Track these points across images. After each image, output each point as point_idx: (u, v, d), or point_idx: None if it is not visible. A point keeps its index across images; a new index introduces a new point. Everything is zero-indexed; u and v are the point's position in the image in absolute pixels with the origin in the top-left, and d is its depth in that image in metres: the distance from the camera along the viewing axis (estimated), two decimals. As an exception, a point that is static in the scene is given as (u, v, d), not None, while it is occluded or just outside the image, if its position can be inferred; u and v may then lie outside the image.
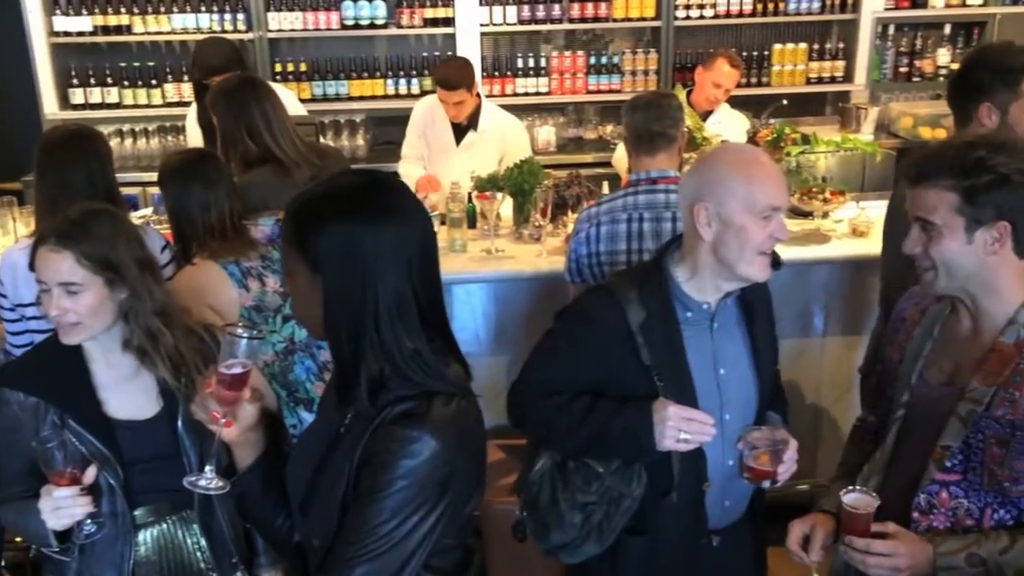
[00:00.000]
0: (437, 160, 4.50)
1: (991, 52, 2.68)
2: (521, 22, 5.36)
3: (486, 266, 3.51)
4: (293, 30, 5.29)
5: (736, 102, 5.64)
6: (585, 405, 1.93)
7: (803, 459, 2.06)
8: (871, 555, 1.73)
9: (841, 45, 5.58)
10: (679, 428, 1.84)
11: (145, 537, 2.01)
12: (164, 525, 2.03)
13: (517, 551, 3.24)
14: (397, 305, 1.41)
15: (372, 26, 5.34)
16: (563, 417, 1.94)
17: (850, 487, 1.80)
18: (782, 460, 1.89)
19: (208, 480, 1.64)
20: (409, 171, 4.51)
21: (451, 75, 4.24)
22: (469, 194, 3.76)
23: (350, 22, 5.31)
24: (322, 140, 4.32)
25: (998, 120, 2.50)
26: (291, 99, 4.41)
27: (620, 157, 4.13)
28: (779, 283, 2.20)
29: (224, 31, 5.20)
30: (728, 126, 4.50)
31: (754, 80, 5.56)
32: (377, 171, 1.52)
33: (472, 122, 4.41)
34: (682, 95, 4.07)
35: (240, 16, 5.26)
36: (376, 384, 1.43)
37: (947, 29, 5.67)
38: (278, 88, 4.61)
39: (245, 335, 1.55)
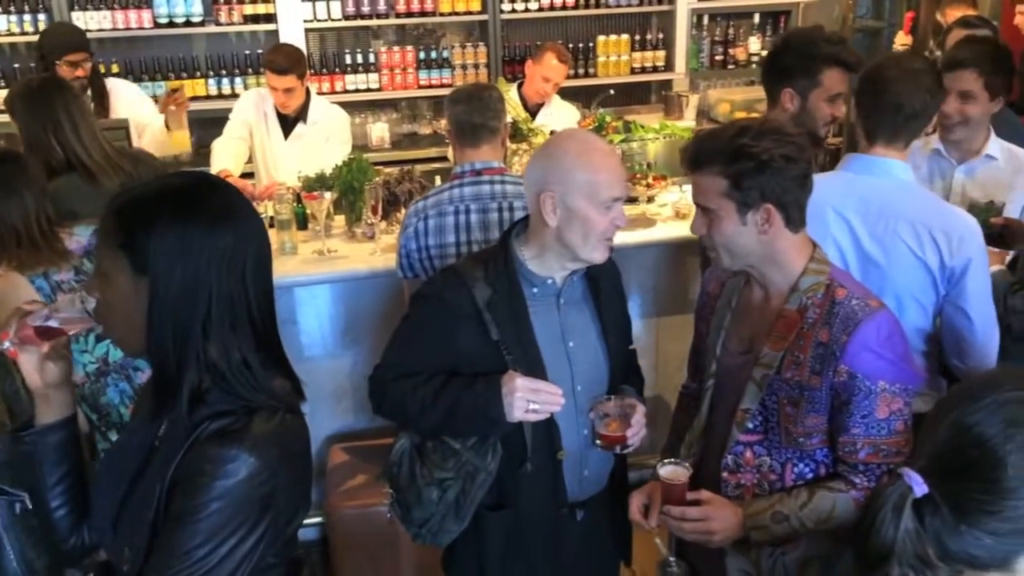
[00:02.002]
0: (266, 153, 4.41)
1: (798, 38, 2.71)
2: (346, 17, 5.27)
3: (319, 268, 3.43)
4: (102, 30, 5.00)
5: (565, 93, 5.75)
6: (438, 384, 1.97)
7: (647, 434, 2.15)
8: (687, 522, 1.82)
9: (661, 36, 5.78)
10: (527, 399, 1.89)
11: None
12: None
13: (365, 555, 3.22)
14: (230, 312, 1.36)
15: (188, 24, 5.12)
16: (417, 397, 1.98)
17: (665, 460, 1.89)
18: (631, 425, 1.96)
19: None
20: (220, 154, 4.35)
21: (281, 60, 4.17)
22: (297, 195, 3.66)
23: (164, 20, 5.08)
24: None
25: (799, 106, 2.57)
26: (134, 93, 4.30)
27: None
28: (608, 269, 2.29)
29: (24, 32, 4.86)
30: (559, 118, 4.58)
31: (581, 71, 5.68)
32: (209, 173, 1.46)
33: (301, 114, 4.35)
34: (506, 88, 4.10)
35: (41, 16, 4.93)
36: (196, 396, 1.37)
37: (756, 18, 5.98)
38: (121, 84, 4.39)
39: (83, 308, 1.49)
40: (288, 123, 4.37)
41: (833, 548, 1.84)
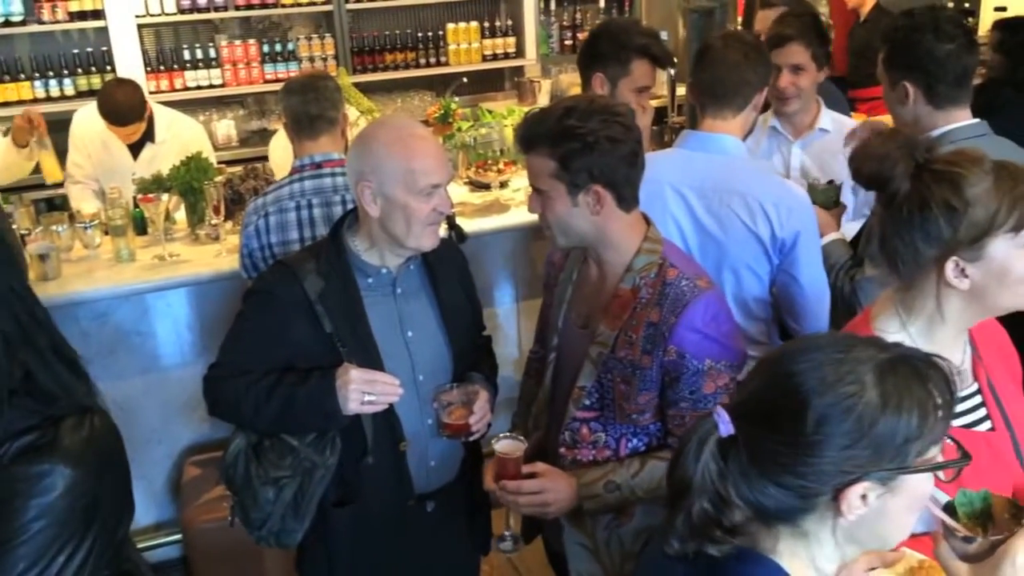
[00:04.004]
0: (115, 181, 3.95)
1: (614, 26, 2.81)
2: (181, 11, 5.03)
3: (159, 274, 3.27)
4: (-93, 32, 4.62)
5: (418, 82, 5.73)
6: (272, 381, 1.93)
7: (508, 420, 2.15)
8: (522, 495, 1.83)
9: (510, 22, 5.79)
10: (363, 391, 1.86)
11: None
12: None
13: (229, 568, 3.10)
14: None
15: (8, 23, 4.77)
16: (251, 395, 1.93)
17: (501, 434, 1.90)
18: (473, 411, 1.95)
19: None
20: (81, 197, 4.02)
21: (121, 110, 3.76)
22: (134, 198, 3.47)
23: (-21, 20, 4.72)
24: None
25: (608, 92, 2.64)
26: None
27: (277, 146, 3.97)
28: (467, 255, 2.26)
29: None
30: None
31: (432, 60, 5.62)
32: None
33: (148, 134, 4.03)
34: (345, 78, 4.00)
35: None
36: None
37: (602, 3, 6.06)
38: None
39: None
40: (135, 145, 4.03)
41: (664, 515, 1.88)
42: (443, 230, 3.18)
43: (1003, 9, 5.48)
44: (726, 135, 2.35)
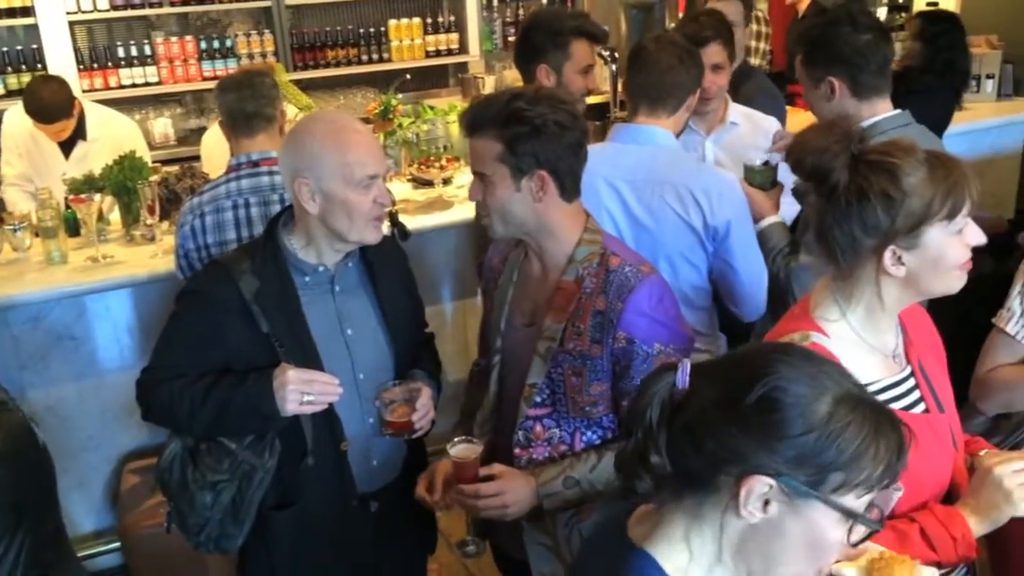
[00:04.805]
0: (47, 180, 3.89)
1: (544, 16, 2.82)
2: (114, 7, 4.91)
3: (92, 276, 3.19)
4: None
5: (361, 79, 5.68)
6: (207, 383, 1.89)
7: (453, 417, 2.12)
8: (480, 499, 1.80)
9: (452, 18, 5.76)
10: (301, 391, 1.83)
11: None
12: None
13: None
14: None
15: (-70, 21, 4.63)
16: (186, 399, 1.89)
17: (455, 439, 1.87)
18: (416, 409, 1.92)
19: None
20: (17, 199, 3.95)
21: (47, 108, 3.69)
22: (66, 199, 3.38)
23: (-100, 17, 4.56)
24: None
25: (555, 81, 2.65)
26: None
27: (209, 143, 3.91)
28: (409, 252, 2.24)
29: None
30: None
31: (375, 56, 5.57)
32: None
33: (79, 132, 3.94)
34: (282, 74, 3.95)
35: None
36: None
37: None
38: None
39: None
40: (67, 143, 3.95)
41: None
42: (386, 227, 3.16)
43: (935, 3, 5.61)
44: (656, 127, 2.37)
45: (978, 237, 1.50)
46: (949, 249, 1.49)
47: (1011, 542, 1.92)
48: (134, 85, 5.07)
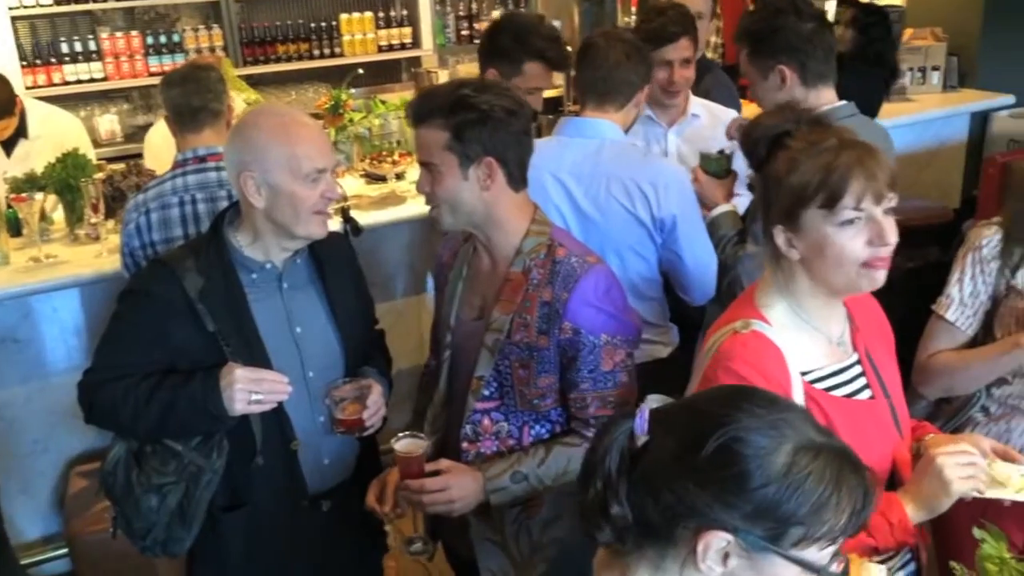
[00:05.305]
0: None
1: (516, 23, 2.81)
2: (58, 2, 4.81)
3: (35, 276, 3.10)
4: None
5: (313, 74, 5.62)
6: (152, 383, 1.85)
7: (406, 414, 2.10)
8: (426, 494, 1.78)
9: (405, 12, 5.73)
10: (249, 390, 1.80)
11: None
12: None
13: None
14: None
15: None
16: (130, 400, 1.84)
17: (400, 434, 1.85)
18: (367, 406, 1.90)
19: None
20: None
21: None
22: (7, 198, 3.29)
23: None
24: None
25: None
26: None
27: (154, 139, 3.84)
28: (363, 248, 2.22)
29: None
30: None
31: (327, 51, 5.52)
32: None
33: (21, 130, 3.84)
34: (229, 69, 3.88)
35: None
36: None
37: (497, -8, 6.06)
38: None
39: None
40: (8, 141, 3.84)
41: (572, 505, 1.87)
42: (338, 223, 3.13)
43: (881, -4, 5.69)
44: (602, 120, 2.37)
45: (884, 237, 1.46)
46: (836, 240, 1.46)
47: (954, 524, 1.96)
48: (79, 81, 4.98)
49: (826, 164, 1.45)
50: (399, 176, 3.74)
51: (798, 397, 1.49)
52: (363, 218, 3.33)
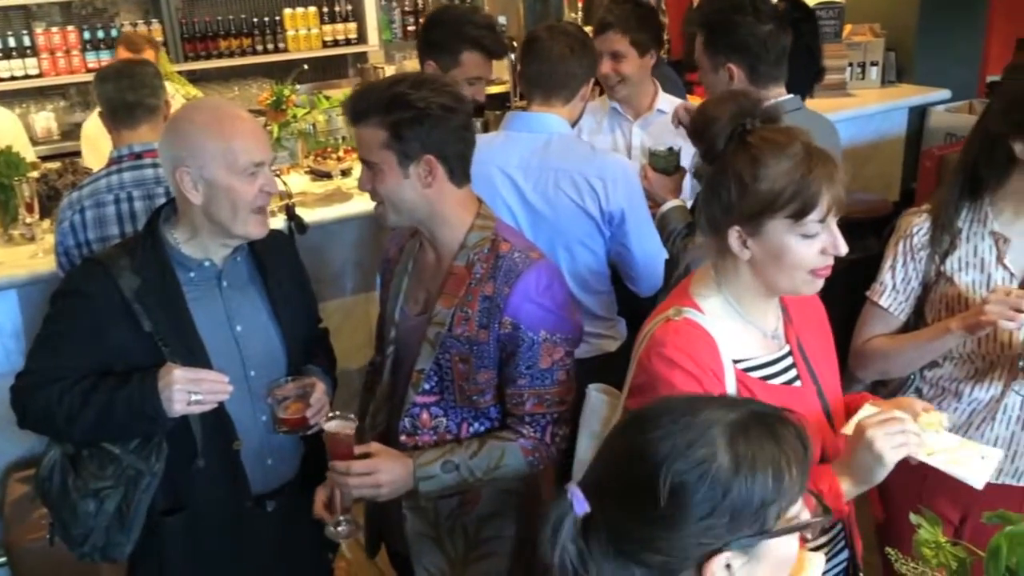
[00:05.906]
0: None
1: (448, 15, 2.79)
2: (-12, -4, 4.68)
3: (-34, 278, 3.01)
4: None
5: (257, 70, 5.54)
6: (87, 386, 1.81)
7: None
8: (352, 476, 1.76)
9: (350, 7, 5.67)
10: (188, 390, 1.76)
11: None
12: None
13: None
14: None
15: None
16: (65, 403, 1.79)
17: (330, 414, 1.84)
18: (310, 404, 1.88)
19: None
20: None
21: None
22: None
23: None
24: None
25: None
26: None
27: (90, 134, 3.75)
28: (310, 246, 2.18)
29: None
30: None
31: (270, 47, 5.44)
32: None
33: None
34: (166, 63, 3.81)
35: None
36: None
37: (444, -12, 6.03)
38: None
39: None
40: None
41: (508, 502, 1.87)
42: (283, 221, 3.08)
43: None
44: (549, 114, 2.37)
45: (837, 248, 1.49)
46: (791, 248, 1.48)
47: (893, 510, 1.99)
48: (13, 78, 4.86)
49: (799, 175, 1.46)
50: (345, 173, 3.71)
51: (730, 384, 1.51)
52: (309, 215, 3.29)
